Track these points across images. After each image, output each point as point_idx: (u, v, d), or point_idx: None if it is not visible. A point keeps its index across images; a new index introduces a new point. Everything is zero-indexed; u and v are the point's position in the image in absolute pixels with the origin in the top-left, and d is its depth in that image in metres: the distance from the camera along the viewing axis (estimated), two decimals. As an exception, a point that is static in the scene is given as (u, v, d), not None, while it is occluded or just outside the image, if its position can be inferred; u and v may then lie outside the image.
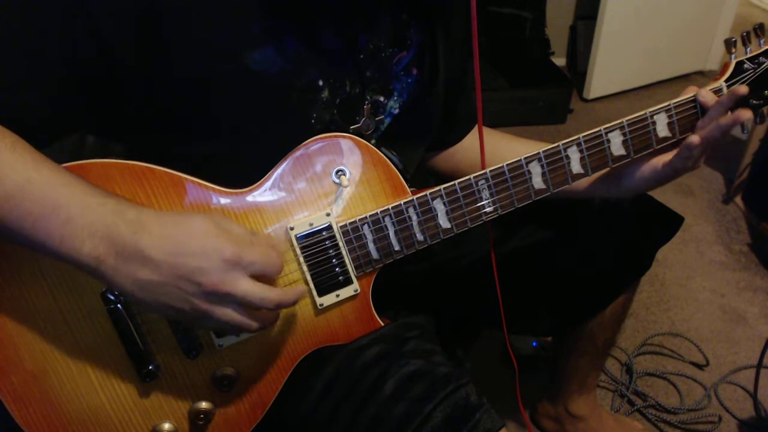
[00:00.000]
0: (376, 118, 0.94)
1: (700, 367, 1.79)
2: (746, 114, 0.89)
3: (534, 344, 1.76)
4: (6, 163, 0.68)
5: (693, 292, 2.04)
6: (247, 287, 0.70)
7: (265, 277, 0.73)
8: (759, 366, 1.56)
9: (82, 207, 0.68)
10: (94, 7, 0.73)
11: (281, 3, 0.80)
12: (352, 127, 0.91)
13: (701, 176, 2.57)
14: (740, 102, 0.93)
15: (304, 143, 0.84)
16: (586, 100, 3.15)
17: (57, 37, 0.74)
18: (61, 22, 0.73)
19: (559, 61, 3.34)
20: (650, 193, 1.06)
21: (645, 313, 1.96)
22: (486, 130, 1.17)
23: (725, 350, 1.84)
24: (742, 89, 0.90)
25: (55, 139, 0.82)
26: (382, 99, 0.94)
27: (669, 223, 1.20)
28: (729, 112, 0.91)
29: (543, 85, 2.99)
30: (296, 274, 0.85)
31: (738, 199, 2.41)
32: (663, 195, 1.06)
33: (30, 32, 0.73)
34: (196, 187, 0.82)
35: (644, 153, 0.93)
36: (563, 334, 1.41)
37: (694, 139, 0.90)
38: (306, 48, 0.83)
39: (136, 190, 0.79)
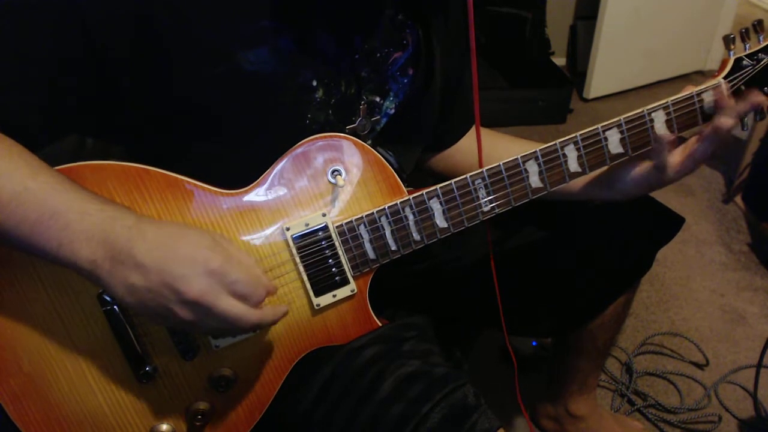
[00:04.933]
0: (372, 119, 0.93)
1: (700, 366, 1.79)
2: (730, 121, 0.89)
3: (534, 344, 1.75)
4: (2, 171, 0.68)
5: (693, 291, 2.04)
6: (227, 305, 0.70)
7: (246, 301, 0.72)
8: (759, 366, 1.55)
9: (80, 213, 0.69)
10: (88, 9, 0.73)
11: (276, 4, 0.80)
12: (348, 126, 0.91)
13: (701, 176, 2.57)
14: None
15: (299, 143, 0.84)
16: (586, 100, 3.15)
17: (51, 40, 0.74)
18: (55, 24, 0.73)
19: (559, 61, 3.34)
20: (651, 192, 1.06)
21: (645, 313, 1.95)
22: (484, 131, 1.17)
23: (725, 350, 1.83)
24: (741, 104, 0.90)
25: (53, 140, 0.82)
26: (378, 99, 0.93)
27: (669, 223, 1.19)
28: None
29: (543, 85, 2.99)
30: (293, 274, 0.85)
31: (738, 199, 2.40)
32: (663, 195, 1.06)
33: (23, 34, 0.73)
34: (192, 187, 0.81)
35: (642, 151, 0.93)
36: (563, 334, 1.41)
37: (663, 132, 0.90)
38: (300, 49, 0.83)
39: (132, 192, 0.79)
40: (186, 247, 0.70)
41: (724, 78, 0.93)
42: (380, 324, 0.92)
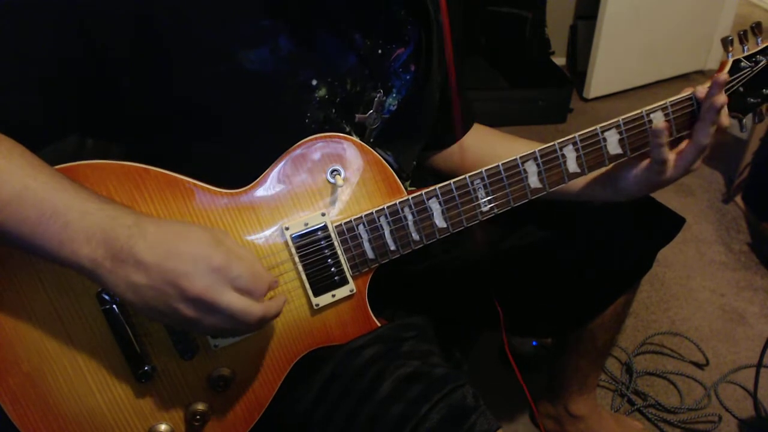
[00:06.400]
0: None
1: (700, 366, 1.79)
2: (721, 98, 0.88)
3: (534, 344, 1.76)
4: (2, 171, 0.68)
5: (693, 291, 2.04)
6: (231, 299, 0.70)
7: (249, 295, 0.73)
8: (759, 366, 1.55)
9: (80, 212, 0.69)
10: (88, 8, 0.73)
11: (275, 3, 0.80)
12: (357, 115, 0.91)
13: (701, 176, 2.57)
14: (737, 102, 0.93)
15: (299, 143, 0.84)
16: (586, 100, 3.15)
17: (51, 40, 0.74)
18: (54, 24, 0.73)
19: (559, 61, 3.33)
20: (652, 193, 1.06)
21: (645, 313, 1.95)
22: (486, 130, 1.17)
23: (725, 350, 1.83)
24: (723, 76, 0.90)
25: (53, 140, 0.82)
26: (381, 96, 0.93)
27: (669, 224, 1.19)
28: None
29: (543, 85, 2.99)
30: (292, 274, 0.85)
31: (738, 199, 2.40)
32: (663, 195, 1.06)
33: (23, 34, 0.73)
34: (191, 187, 0.82)
35: (641, 152, 0.93)
36: (563, 334, 1.41)
37: (660, 124, 0.90)
38: (301, 48, 0.83)
39: (132, 191, 0.79)
40: (187, 244, 0.70)
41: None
42: (379, 324, 0.92)
